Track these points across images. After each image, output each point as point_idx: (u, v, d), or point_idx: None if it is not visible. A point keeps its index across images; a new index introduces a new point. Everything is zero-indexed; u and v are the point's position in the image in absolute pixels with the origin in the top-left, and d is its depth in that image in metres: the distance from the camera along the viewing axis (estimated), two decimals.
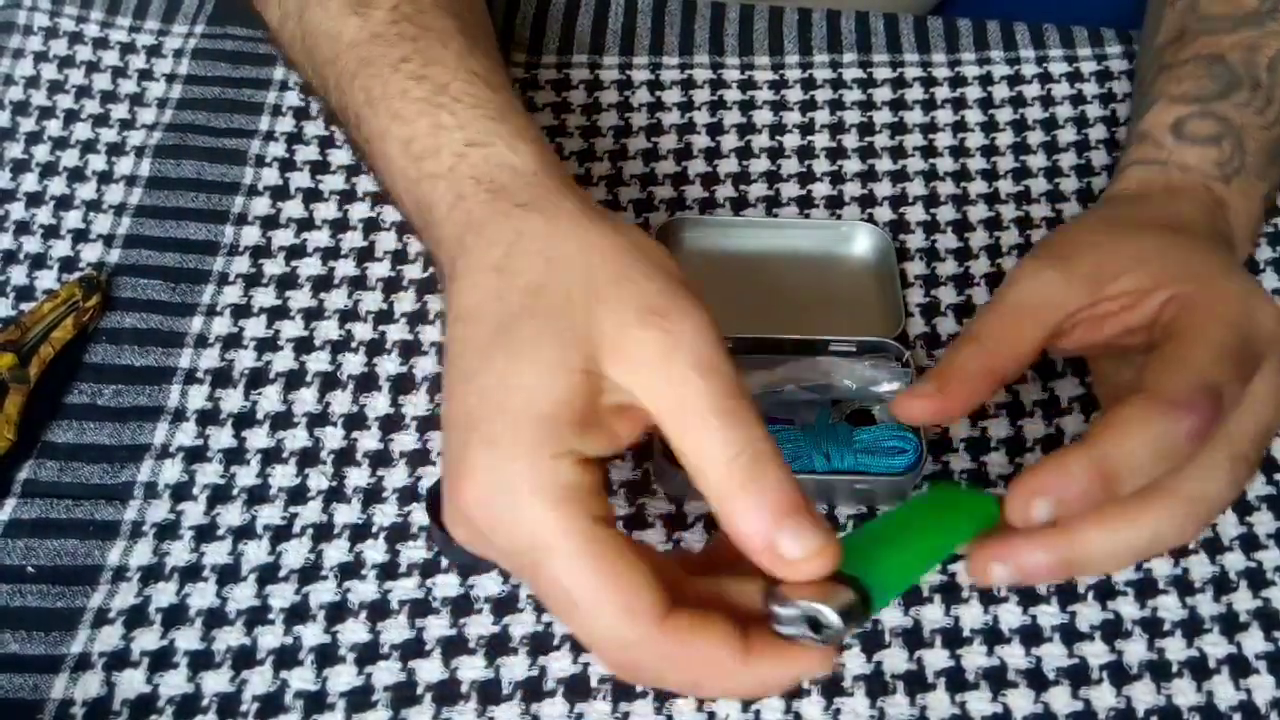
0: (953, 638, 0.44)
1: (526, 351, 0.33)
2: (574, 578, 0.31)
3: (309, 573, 0.45)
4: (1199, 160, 0.47)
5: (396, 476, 0.47)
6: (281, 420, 0.49)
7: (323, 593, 0.45)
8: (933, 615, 0.45)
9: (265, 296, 0.52)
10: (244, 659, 0.43)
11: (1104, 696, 0.43)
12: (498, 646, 0.44)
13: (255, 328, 0.51)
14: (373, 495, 0.47)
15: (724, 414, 0.32)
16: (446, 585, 0.45)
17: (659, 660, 0.32)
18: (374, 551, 0.46)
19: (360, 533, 0.46)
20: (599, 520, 0.32)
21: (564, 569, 0.31)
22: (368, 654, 0.43)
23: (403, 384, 0.50)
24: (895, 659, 0.44)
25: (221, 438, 0.48)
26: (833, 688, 0.43)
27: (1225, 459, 0.37)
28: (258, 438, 0.48)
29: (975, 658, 0.44)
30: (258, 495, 0.47)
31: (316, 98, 0.50)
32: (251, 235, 0.54)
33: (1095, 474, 0.34)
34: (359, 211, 0.55)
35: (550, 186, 0.38)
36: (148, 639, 0.43)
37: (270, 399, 0.49)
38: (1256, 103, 0.48)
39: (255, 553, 0.45)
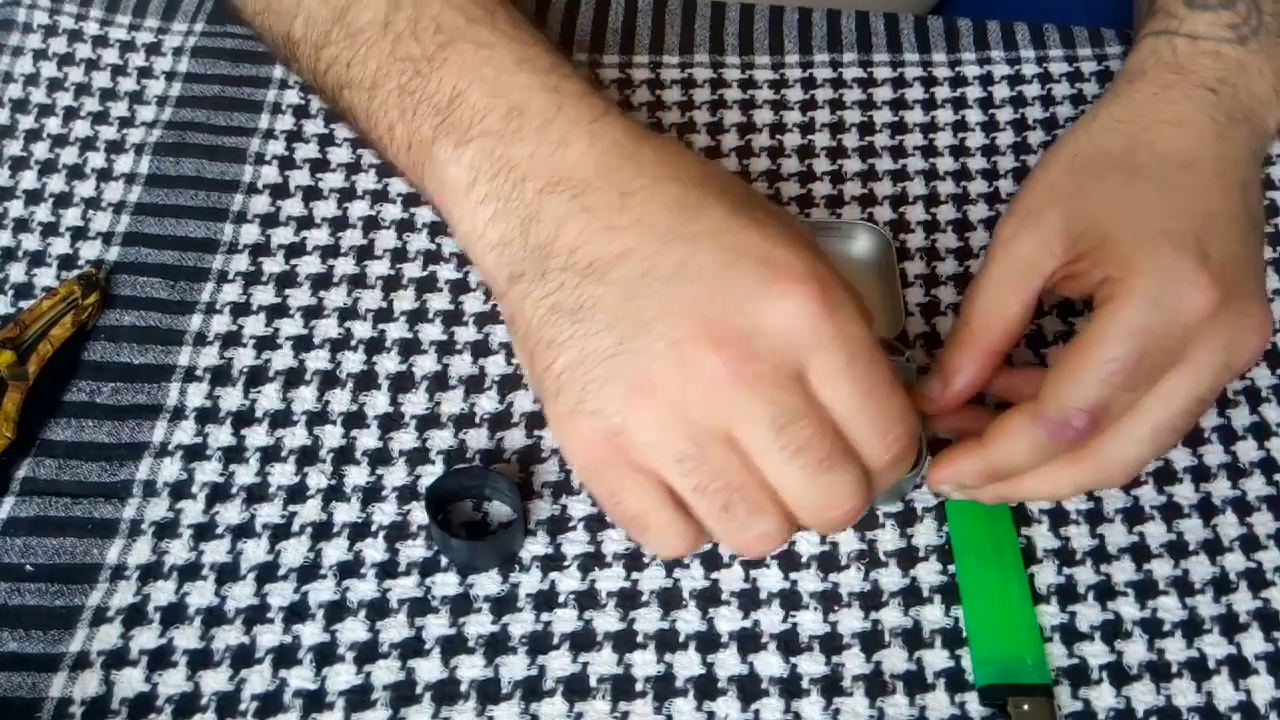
0: (953, 638, 0.44)
1: (752, 196, 0.37)
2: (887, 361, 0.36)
3: (308, 571, 0.45)
4: (1210, 26, 0.46)
5: (396, 475, 0.47)
6: (280, 418, 0.49)
7: (322, 591, 0.45)
8: (932, 615, 0.45)
9: (264, 294, 0.52)
10: (243, 658, 0.43)
11: (1104, 697, 0.43)
12: (497, 646, 0.43)
13: (254, 326, 0.51)
14: (372, 494, 0.47)
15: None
16: (446, 584, 0.45)
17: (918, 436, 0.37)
18: (373, 550, 0.46)
19: (359, 531, 0.46)
20: None
21: (882, 353, 0.35)
22: (367, 653, 0.43)
23: (402, 382, 0.50)
24: (895, 659, 0.43)
25: (220, 436, 0.48)
26: (833, 688, 0.43)
27: (1149, 429, 0.40)
28: (257, 436, 0.48)
29: None
30: (257, 494, 0.47)
31: (274, 24, 0.47)
32: (251, 233, 0.54)
33: (985, 472, 0.41)
34: (358, 210, 0.55)
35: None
36: (146, 638, 0.43)
37: (269, 397, 0.49)
38: None
39: (254, 551, 0.45)
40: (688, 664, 0.43)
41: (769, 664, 0.43)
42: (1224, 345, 0.39)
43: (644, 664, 0.43)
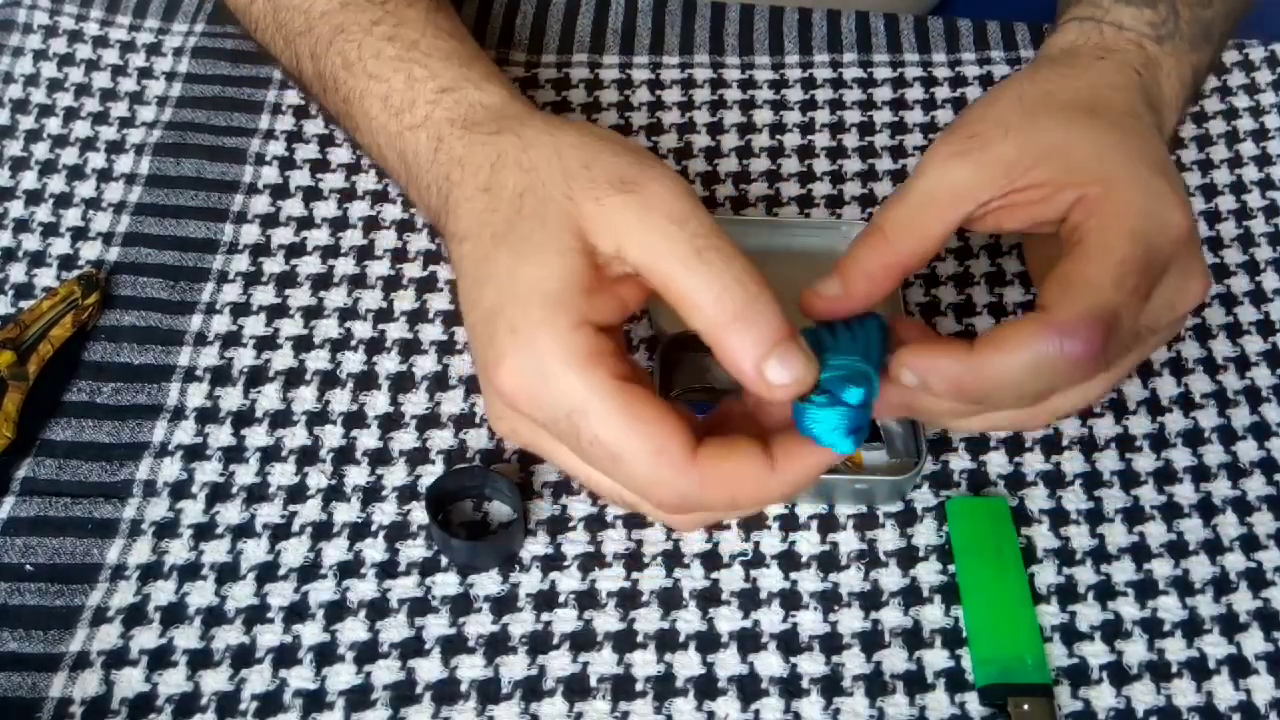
0: (953, 638, 0.44)
1: (525, 244, 0.36)
2: (610, 431, 0.34)
3: (308, 571, 0.45)
4: (1134, 20, 0.45)
5: (396, 475, 0.47)
6: (281, 418, 0.49)
7: (322, 591, 0.45)
8: (932, 615, 0.45)
9: (264, 295, 0.52)
10: (243, 658, 0.43)
11: (1104, 697, 0.43)
12: (497, 646, 0.43)
13: (254, 326, 0.51)
14: (372, 494, 0.47)
15: (703, 254, 0.34)
16: (446, 584, 0.45)
17: (698, 490, 0.35)
18: (373, 550, 0.46)
19: (359, 531, 0.46)
20: (624, 378, 0.35)
21: (599, 424, 0.34)
22: (367, 653, 0.43)
23: (402, 382, 0.50)
24: (895, 659, 0.43)
25: (220, 436, 0.48)
26: (833, 688, 0.43)
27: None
28: (257, 436, 0.48)
29: None
30: (257, 494, 0.47)
31: (288, 72, 0.52)
32: (251, 233, 0.54)
33: (963, 383, 0.37)
34: (358, 210, 0.55)
35: (517, 111, 0.42)
36: (146, 637, 0.43)
37: (269, 397, 0.49)
38: None
39: (254, 551, 0.45)
40: (688, 664, 0.43)
41: (769, 664, 0.43)
42: (1178, 285, 0.39)
43: (644, 664, 0.43)
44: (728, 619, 0.44)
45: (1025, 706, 0.42)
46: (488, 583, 0.45)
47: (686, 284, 0.34)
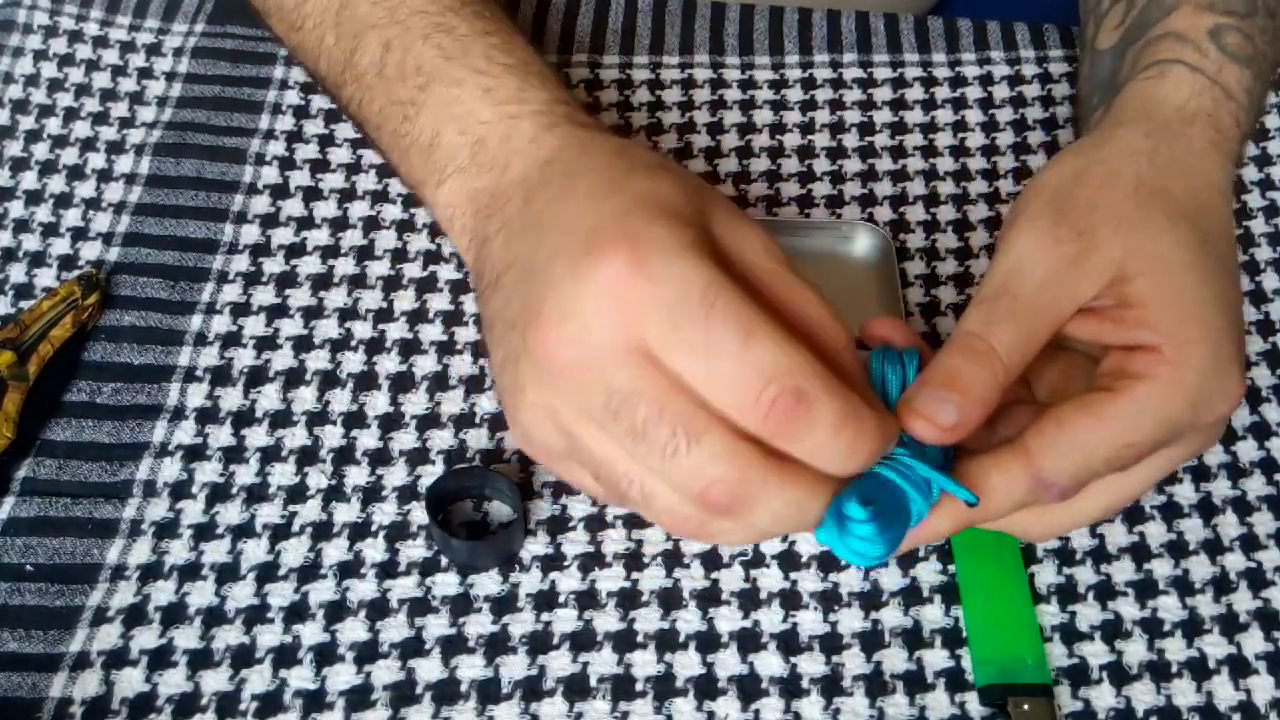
0: (953, 638, 0.44)
1: (666, 181, 0.35)
2: (746, 309, 0.32)
3: (308, 571, 0.45)
4: (1237, 86, 0.42)
5: (396, 475, 0.47)
6: (281, 419, 0.49)
7: (322, 591, 0.45)
8: (932, 615, 0.45)
9: (265, 295, 0.52)
10: (243, 658, 0.43)
11: (1104, 697, 0.43)
12: (497, 646, 0.43)
13: (254, 326, 0.51)
14: (372, 494, 0.47)
15: (828, 308, 0.35)
16: (446, 584, 0.45)
17: (825, 381, 0.32)
18: (373, 550, 0.46)
19: (360, 531, 0.46)
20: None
21: (736, 302, 0.31)
22: (367, 653, 0.43)
23: (402, 382, 0.50)
24: (895, 659, 0.43)
25: (220, 436, 0.48)
26: (833, 688, 0.43)
27: (1108, 497, 0.39)
28: (257, 436, 0.48)
29: None
30: (257, 494, 0.47)
31: (300, 54, 0.50)
32: (251, 233, 0.54)
33: (963, 524, 0.37)
34: (359, 210, 0.55)
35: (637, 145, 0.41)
36: (146, 638, 0.43)
37: (269, 397, 0.49)
38: (1268, 33, 0.45)
39: (254, 551, 0.45)
40: (688, 664, 0.43)
41: (769, 664, 0.43)
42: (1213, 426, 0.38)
43: (644, 664, 0.43)
44: (728, 619, 0.44)
45: (1025, 706, 0.42)
46: (488, 583, 0.45)
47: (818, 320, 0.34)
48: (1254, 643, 0.44)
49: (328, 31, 0.48)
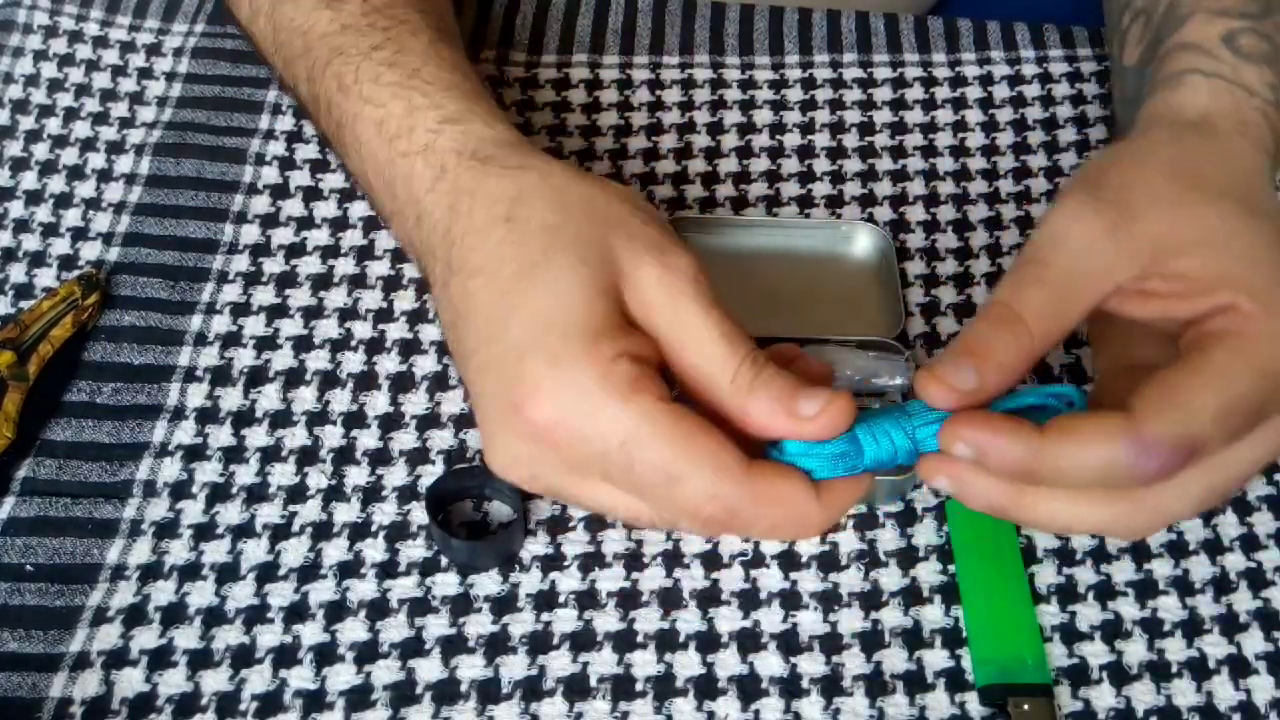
0: (953, 638, 0.44)
1: (564, 277, 0.36)
2: (667, 453, 0.34)
3: (308, 571, 0.45)
4: (1259, 82, 0.42)
5: (396, 475, 0.47)
6: (281, 419, 0.49)
7: (322, 591, 0.45)
8: (932, 615, 0.45)
9: (265, 295, 0.52)
10: (243, 658, 0.43)
11: (1104, 697, 0.43)
12: (497, 646, 0.43)
13: (254, 326, 0.51)
14: (372, 494, 0.47)
15: (723, 336, 0.36)
16: (446, 584, 0.45)
17: (750, 504, 0.35)
18: (373, 550, 0.46)
19: (360, 531, 0.46)
20: (667, 399, 0.35)
21: (655, 450, 0.34)
22: (367, 653, 0.43)
23: (402, 382, 0.50)
24: (895, 659, 0.43)
25: (221, 436, 0.48)
26: (833, 688, 0.43)
27: (1202, 488, 0.36)
28: (257, 436, 0.48)
29: None
30: (257, 494, 0.47)
31: (286, 91, 0.51)
32: (251, 233, 0.54)
33: (1024, 464, 0.35)
34: (359, 210, 0.55)
35: (535, 152, 0.41)
36: (146, 638, 0.43)
37: (269, 397, 0.49)
38: None
39: (254, 551, 0.45)
40: (688, 664, 0.43)
41: (769, 664, 0.43)
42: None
43: (644, 664, 0.43)
44: (728, 619, 0.44)
45: (1025, 706, 0.42)
46: (488, 583, 0.45)
47: (707, 360, 0.36)
48: (1254, 643, 0.44)
49: (276, 62, 0.50)
